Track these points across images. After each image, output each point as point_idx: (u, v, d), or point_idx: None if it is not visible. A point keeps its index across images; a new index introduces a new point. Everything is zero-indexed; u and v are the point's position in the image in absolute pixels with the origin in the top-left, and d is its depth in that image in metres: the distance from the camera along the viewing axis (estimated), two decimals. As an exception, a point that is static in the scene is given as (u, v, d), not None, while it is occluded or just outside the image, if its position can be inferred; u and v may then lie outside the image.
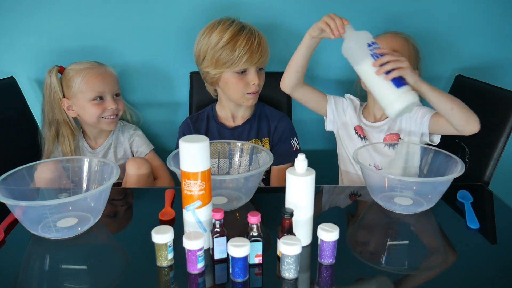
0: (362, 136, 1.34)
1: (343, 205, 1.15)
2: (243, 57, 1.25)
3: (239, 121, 1.41)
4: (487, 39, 1.60)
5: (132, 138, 1.48)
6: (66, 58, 1.40)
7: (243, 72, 1.28)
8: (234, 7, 1.52)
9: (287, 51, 1.58)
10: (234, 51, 1.25)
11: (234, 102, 1.36)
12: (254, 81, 1.29)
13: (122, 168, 1.47)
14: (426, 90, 1.08)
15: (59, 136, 1.42)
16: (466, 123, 1.11)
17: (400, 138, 1.30)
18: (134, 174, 1.29)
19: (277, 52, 1.55)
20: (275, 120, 1.41)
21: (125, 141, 1.48)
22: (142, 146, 1.48)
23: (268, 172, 1.42)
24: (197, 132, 1.40)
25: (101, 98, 1.36)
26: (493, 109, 1.31)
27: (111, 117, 1.39)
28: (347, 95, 1.41)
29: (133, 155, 1.49)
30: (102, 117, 1.38)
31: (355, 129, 1.35)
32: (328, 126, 1.39)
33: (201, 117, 1.43)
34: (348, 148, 1.36)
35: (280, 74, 1.55)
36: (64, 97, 1.38)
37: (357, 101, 1.40)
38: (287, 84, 1.27)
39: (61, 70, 1.38)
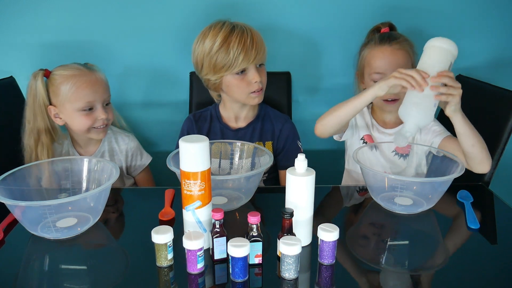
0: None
1: (343, 205, 1.15)
2: (239, 57, 1.24)
3: (242, 123, 1.40)
4: (487, 39, 1.60)
5: (127, 149, 1.42)
6: (66, 58, 1.40)
7: (243, 72, 1.27)
8: (233, 8, 1.51)
9: (288, 51, 1.59)
10: (229, 53, 1.23)
11: (241, 102, 1.35)
12: (255, 78, 1.27)
13: (120, 179, 1.42)
14: (459, 120, 1.07)
15: (38, 146, 1.30)
16: (479, 163, 1.11)
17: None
18: None
19: (279, 52, 1.54)
20: (279, 123, 1.40)
21: (122, 152, 1.41)
22: (137, 160, 1.44)
23: (269, 173, 1.42)
24: (200, 130, 1.39)
25: (90, 108, 1.27)
26: (493, 109, 1.31)
27: (101, 126, 1.31)
28: None
29: (127, 167, 1.44)
30: (92, 127, 1.31)
31: (363, 138, 1.34)
32: (343, 138, 1.36)
33: (204, 115, 1.42)
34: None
35: (281, 74, 1.56)
36: (50, 104, 1.29)
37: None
38: (329, 132, 1.24)
39: (46, 74, 1.28)
